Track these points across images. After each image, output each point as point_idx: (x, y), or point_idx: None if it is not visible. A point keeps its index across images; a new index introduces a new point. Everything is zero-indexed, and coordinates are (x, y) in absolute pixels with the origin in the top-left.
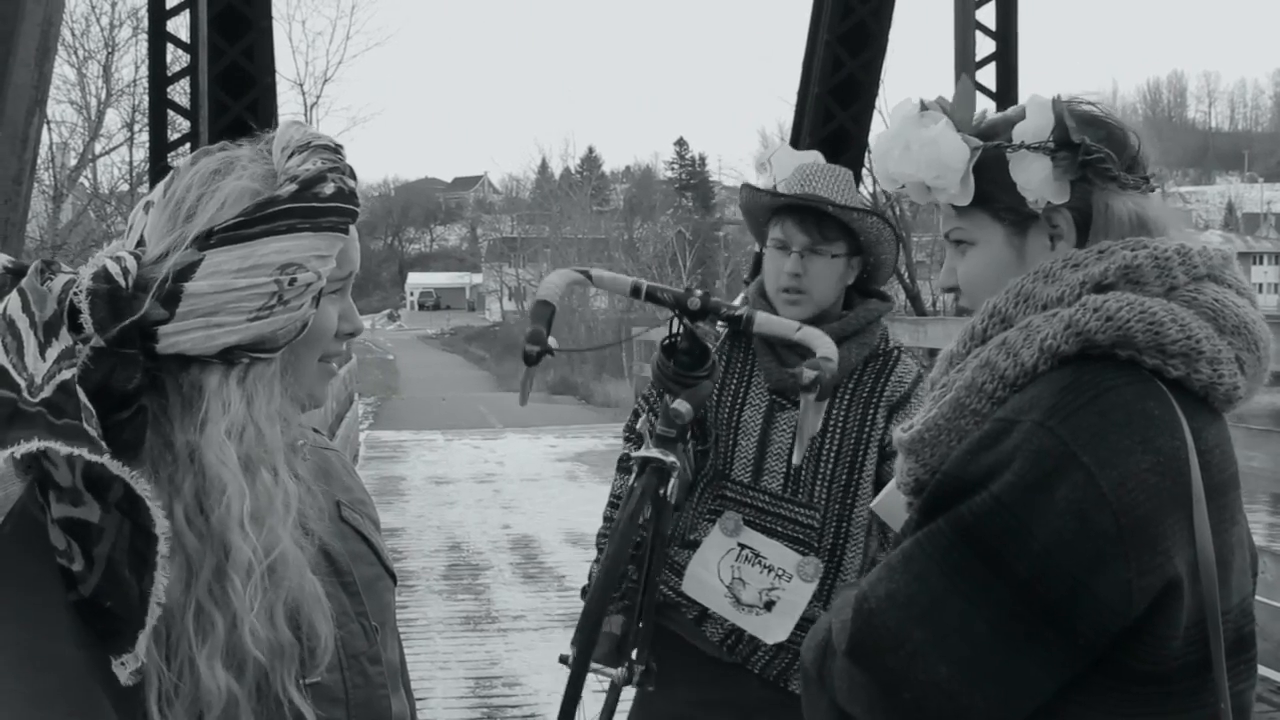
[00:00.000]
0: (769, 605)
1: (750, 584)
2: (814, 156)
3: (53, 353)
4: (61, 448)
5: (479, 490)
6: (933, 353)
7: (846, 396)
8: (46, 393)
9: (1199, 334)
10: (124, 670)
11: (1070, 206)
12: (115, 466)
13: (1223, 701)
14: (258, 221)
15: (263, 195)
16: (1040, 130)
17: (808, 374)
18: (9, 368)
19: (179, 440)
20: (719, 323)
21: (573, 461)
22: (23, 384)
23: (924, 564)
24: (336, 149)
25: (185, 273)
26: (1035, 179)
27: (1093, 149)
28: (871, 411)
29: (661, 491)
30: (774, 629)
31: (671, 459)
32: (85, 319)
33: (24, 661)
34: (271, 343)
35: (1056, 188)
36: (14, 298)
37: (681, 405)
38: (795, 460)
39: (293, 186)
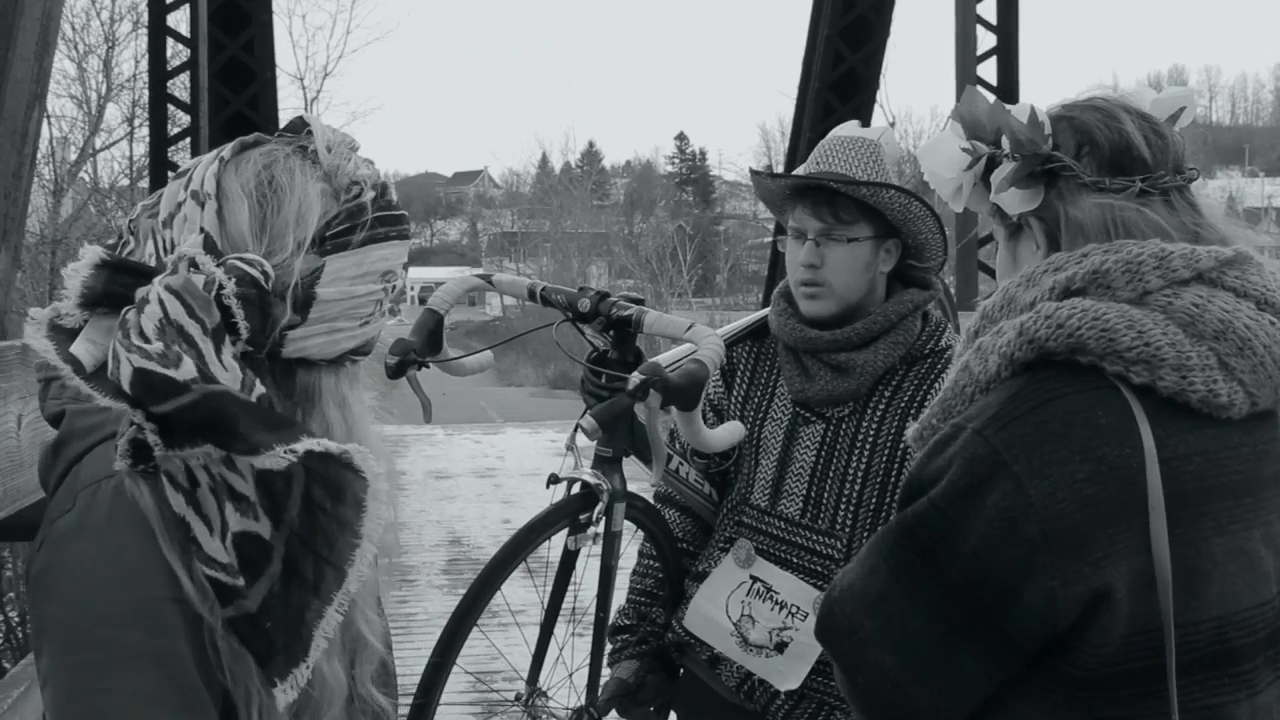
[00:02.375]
0: (780, 647)
1: (760, 622)
2: (847, 128)
3: (227, 360)
4: (348, 447)
5: (479, 485)
6: None
7: (881, 405)
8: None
9: (1159, 340)
10: (284, 696)
11: (1038, 215)
12: (362, 458)
13: (1174, 712)
14: (360, 228)
15: (346, 201)
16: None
17: (634, 379)
18: (215, 375)
19: None
20: (604, 325)
21: (565, 452)
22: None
23: (875, 559)
24: (358, 149)
25: (312, 279)
26: (1001, 187)
27: (1050, 157)
28: (909, 424)
29: (583, 517)
30: (786, 674)
31: (598, 482)
32: (241, 324)
33: (138, 660)
34: (370, 346)
35: (1021, 196)
36: (173, 302)
37: (587, 421)
38: (652, 480)
39: (371, 193)
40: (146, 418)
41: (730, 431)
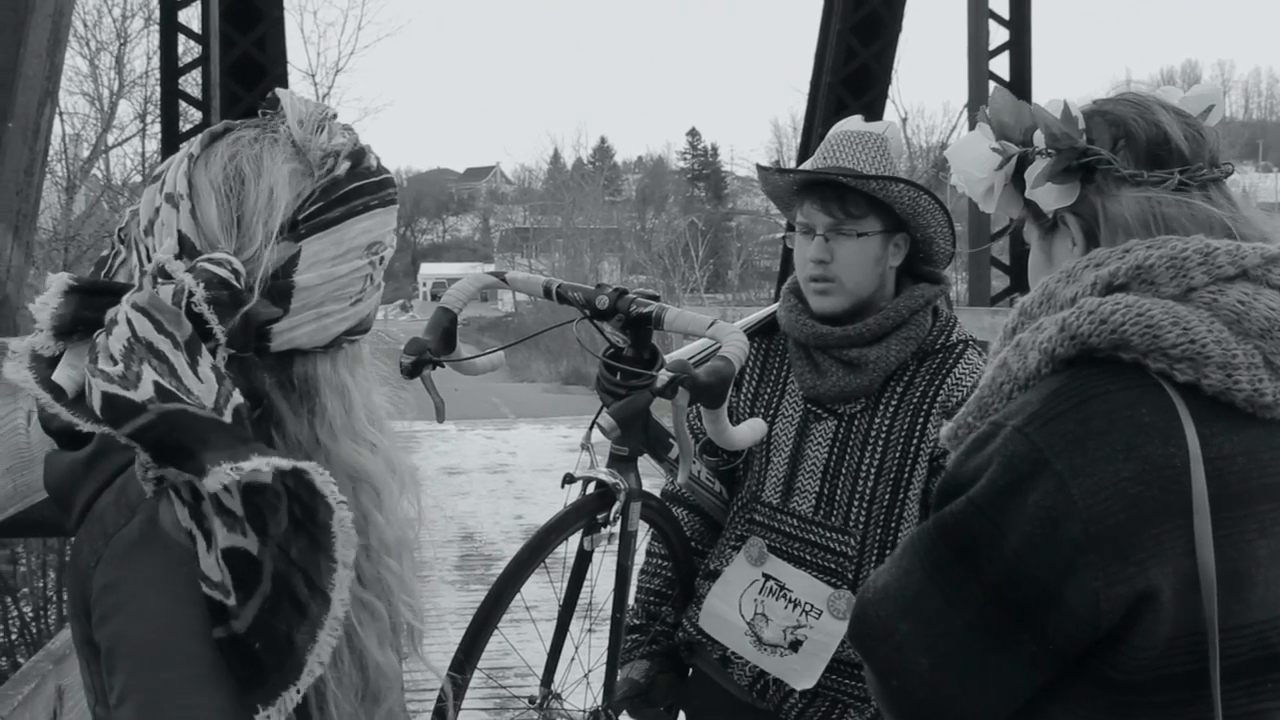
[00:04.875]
0: (794, 645)
1: (774, 620)
2: (851, 123)
3: (204, 372)
4: (299, 464)
5: (491, 480)
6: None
7: (893, 402)
8: (228, 418)
9: (1205, 338)
10: None
11: (1074, 212)
12: (328, 487)
13: (1217, 718)
14: (336, 204)
15: (320, 177)
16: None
17: (663, 376)
18: (176, 391)
19: (302, 434)
20: (624, 322)
21: (581, 450)
22: (206, 408)
23: (911, 560)
24: (335, 116)
25: (288, 267)
26: (1036, 184)
27: (1086, 150)
28: (921, 419)
29: (600, 516)
30: (801, 673)
31: (615, 481)
32: (216, 329)
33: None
34: (367, 323)
35: (1057, 191)
36: (140, 320)
37: (604, 420)
38: (679, 479)
39: (346, 164)
40: (128, 438)
41: (753, 429)
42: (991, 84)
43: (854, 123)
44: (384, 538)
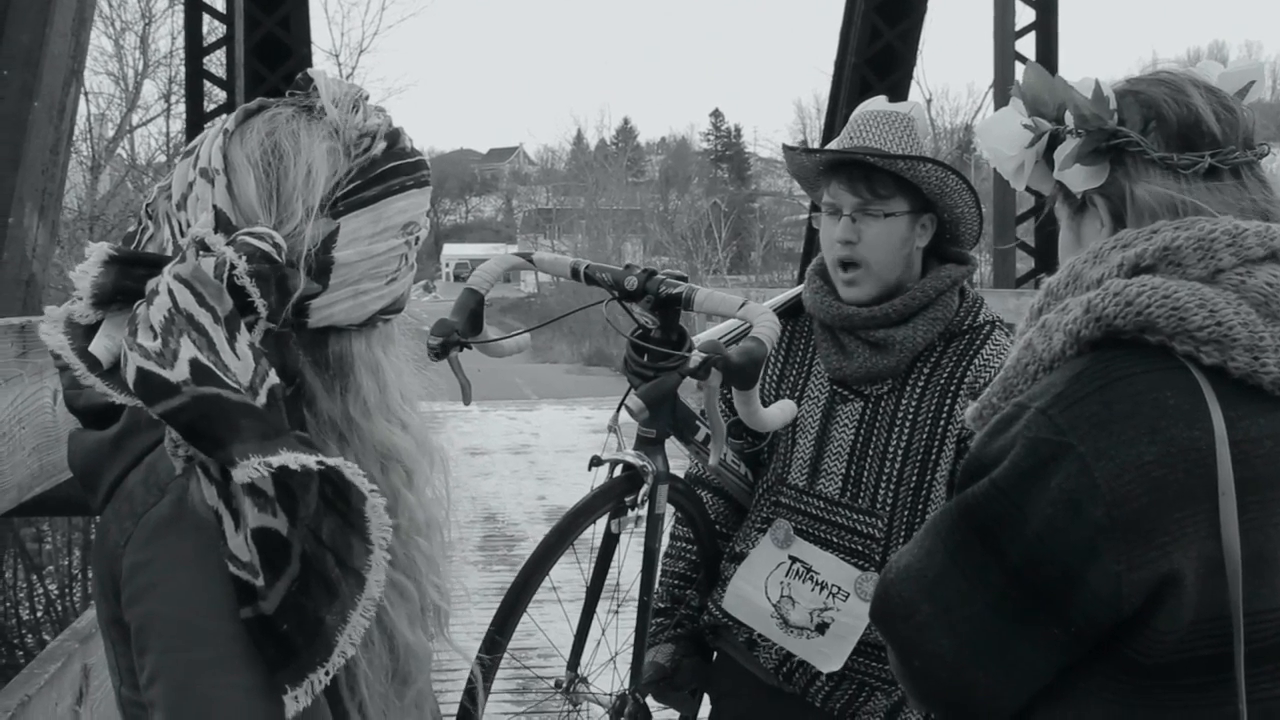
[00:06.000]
0: (821, 628)
1: (800, 603)
2: (876, 103)
3: (241, 348)
4: (326, 460)
5: (514, 461)
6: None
7: (920, 383)
8: (263, 398)
9: (1232, 320)
10: (295, 704)
11: (1103, 193)
12: (358, 478)
13: (1240, 702)
14: (373, 183)
15: (356, 157)
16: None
17: (696, 357)
18: (214, 368)
19: (335, 411)
20: (653, 303)
21: (608, 433)
22: (240, 387)
23: (933, 541)
24: (368, 98)
25: (328, 243)
26: (1065, 165)
27: (1116, 132)
28: (949, 400)
29: (628, 499)
30: (829, 655)
31: (643, 464)
32: (258, 303)
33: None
34: (401, 302)
35: (1085, 173)
36: (182, 291)
37: (633, 401)
38: (711, 461)
39: (383, 144)
40: (159, 417)
41: (784, 410)
42: (1018, 64)
43: (879, 103)
44: (414, 517)
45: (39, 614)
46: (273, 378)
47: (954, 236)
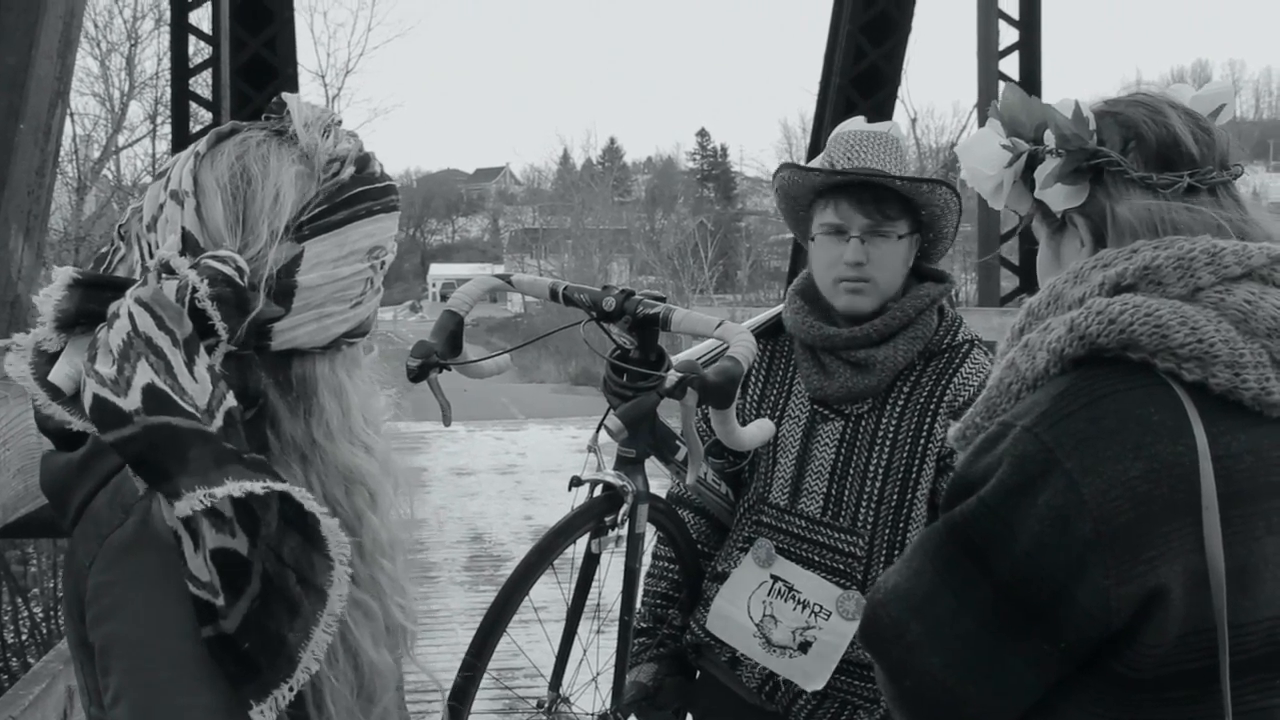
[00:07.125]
0: (804, 647)
1: (783, 622)
2: (856, 123)
3: (199, 371)
4: (273, 485)
5: (501, 481)
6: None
7: (900, 402)
8: (219, 421)
9: (1213, 337)
10: (261, 719)
11: (1083, 212)
12: (308, 501)
13: (1227, 714)
14: (339, 207)
15: (325, 181)
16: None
17: (672, 377)
18: (169, 391)
19: (297, 433)
20: (631, 324)
21: (588, 453)
22: (196, 411)
23: (921, 560)
24: (341, 122)
25: (291, 267)
26: (1045, 184)
27: (1096, 152)
28: (929, 419)
29: (608, 519)
30: (811, 674)
31: (623, 484)
32: (219, 326)
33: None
34: (366, 326)
35: (1066, 192)
36: (142, 315)
37: (612, 421)
38: (689, 480)
39: (351, 169)
40: (110, 445)
41: (761, 429)
42: (1001, 84)
43: (858, 123)
44: (378, 538)
45: (24, 637)
46: (230, 400)
47: (925, 254)
